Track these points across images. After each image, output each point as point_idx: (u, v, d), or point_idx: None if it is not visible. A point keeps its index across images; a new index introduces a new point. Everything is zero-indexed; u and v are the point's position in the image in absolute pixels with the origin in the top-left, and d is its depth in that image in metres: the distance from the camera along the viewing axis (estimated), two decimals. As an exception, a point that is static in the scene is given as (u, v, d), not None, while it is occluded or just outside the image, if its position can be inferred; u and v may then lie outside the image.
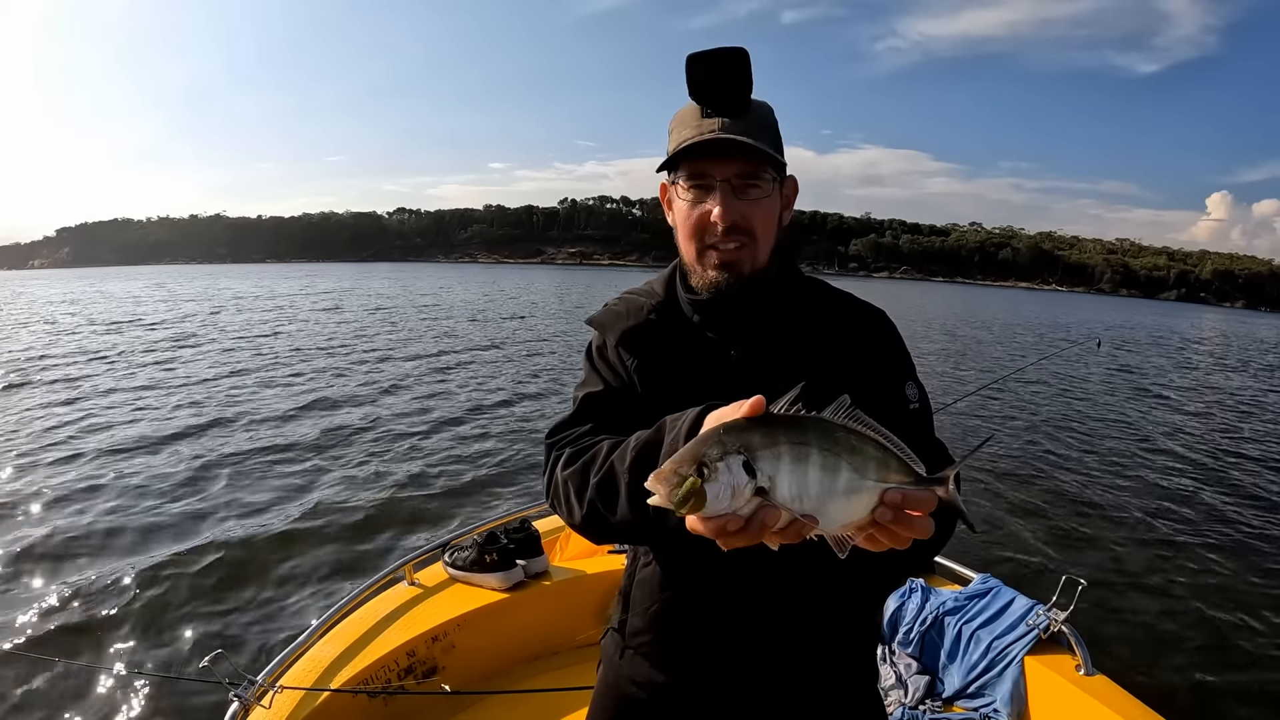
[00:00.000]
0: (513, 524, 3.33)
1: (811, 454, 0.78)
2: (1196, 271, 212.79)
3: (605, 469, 1.14)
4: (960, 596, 3.09)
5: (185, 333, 22.55)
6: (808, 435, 0.79)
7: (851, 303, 1.36)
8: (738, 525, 0.78)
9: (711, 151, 1.17)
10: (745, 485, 0.77)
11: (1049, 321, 45.62)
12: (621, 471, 1.10)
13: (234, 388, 13.13)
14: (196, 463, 8.35)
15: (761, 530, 0.78)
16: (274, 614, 4.93)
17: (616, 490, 1.11)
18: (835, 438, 0.79)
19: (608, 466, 1.14)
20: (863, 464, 0.79)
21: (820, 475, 0.78)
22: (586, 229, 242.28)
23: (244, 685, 2.35)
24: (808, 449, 0.78)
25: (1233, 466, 9.82)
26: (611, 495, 1.12)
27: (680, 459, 0.79)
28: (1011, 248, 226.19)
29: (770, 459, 0.78)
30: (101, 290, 50.43)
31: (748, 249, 1.22)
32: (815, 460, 0.78)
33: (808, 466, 0.78)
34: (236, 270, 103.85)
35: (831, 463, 0.79)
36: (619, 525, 1.13)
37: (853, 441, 0.79)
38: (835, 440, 0.79)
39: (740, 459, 0.77)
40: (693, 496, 0.76)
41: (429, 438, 9.71)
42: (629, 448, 1.11)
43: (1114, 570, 6.03)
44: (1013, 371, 15.47)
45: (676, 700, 1.35)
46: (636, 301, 1.38)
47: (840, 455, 0.79)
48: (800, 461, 0.78)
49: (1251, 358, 29.60)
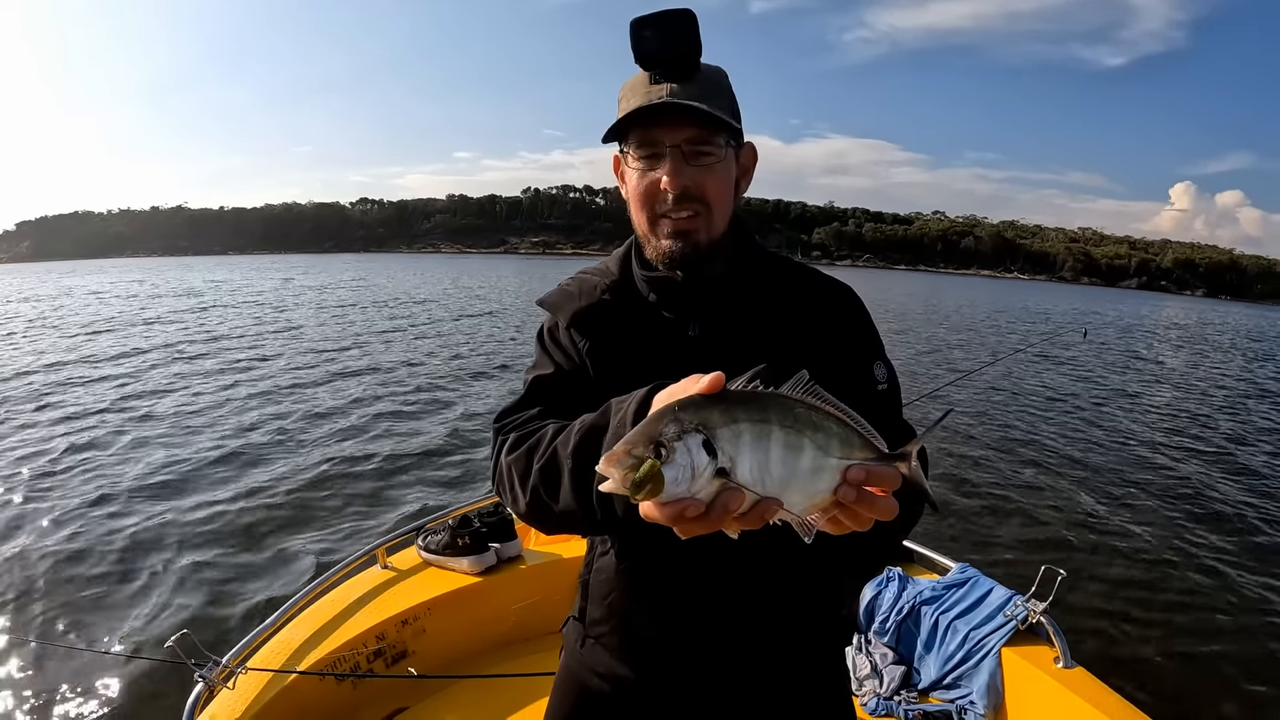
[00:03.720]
0: (486, 508, 3.32)
1: (773, 431, 0.73)
2: (1158, 260, 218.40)
3: (548, 455, 1.08)
4: (938, 586, 3.06)
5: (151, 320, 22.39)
6: (768, 412, 0.73)
7: (816, 278, 1.30)
8: (698, 510, 0.71)
9: (660, 117, 1.12)
10: (706, 466, 0.71)
11: (1018, 309, 46.45)
12: (564, 457, 1.04)
13: (201, 374, 13.09)
14: (165, 444, 8.36)
15: (723, 515, 0.72)
16: (244, 597, 4.89)
17: (560, 478, 1.05)
18: (796, 414, 0.74)
19: (551, 452, 1.08)
20: (826, 441, 0.74)
21: (783, 454, 0.73)
22: (550, 218, 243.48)
23: (209, 666, 2.32)
24: (769, 426, 0.73)
25: (1214, 458, 9.85)
26: (554, 483, 1.06)
27: (633, 439, 0.72)
28: (974, 236, 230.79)
29: (731, 437, 0.72)
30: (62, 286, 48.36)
31: (701, 217, 1.16)
32: (778, 438, 0.73)
33: (770, 445, 0.72)
34: (199, 263, 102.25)
35: (794, 440, 0.73)
36: (564, 515, 1.07)
37: (814, 418, 0.74)
38: (796, 417, 0.74)
39: (699, 438, 0.71)
40: (650, 480, 0.70)
41: (405, 422, 9.72)
42: (573, 431, 1.05)
43: (1094, 561, 6.02)
44: (993, 361, 15.50)
45: (638, 692, 1.31)
46: (590, 281, 1.32)
47: (803, 432, 0.73)
48: (762, 440, 0.72)
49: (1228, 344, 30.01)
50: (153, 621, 4.55)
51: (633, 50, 1.14)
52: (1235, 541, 6.69)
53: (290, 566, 5.32)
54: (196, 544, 5.63)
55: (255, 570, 5.26)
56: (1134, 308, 67.85)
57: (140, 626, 4.50)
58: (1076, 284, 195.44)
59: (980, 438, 9.89)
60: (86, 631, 4.46)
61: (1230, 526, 7.09)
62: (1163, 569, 5.97)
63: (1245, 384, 18.07)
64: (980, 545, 6.15)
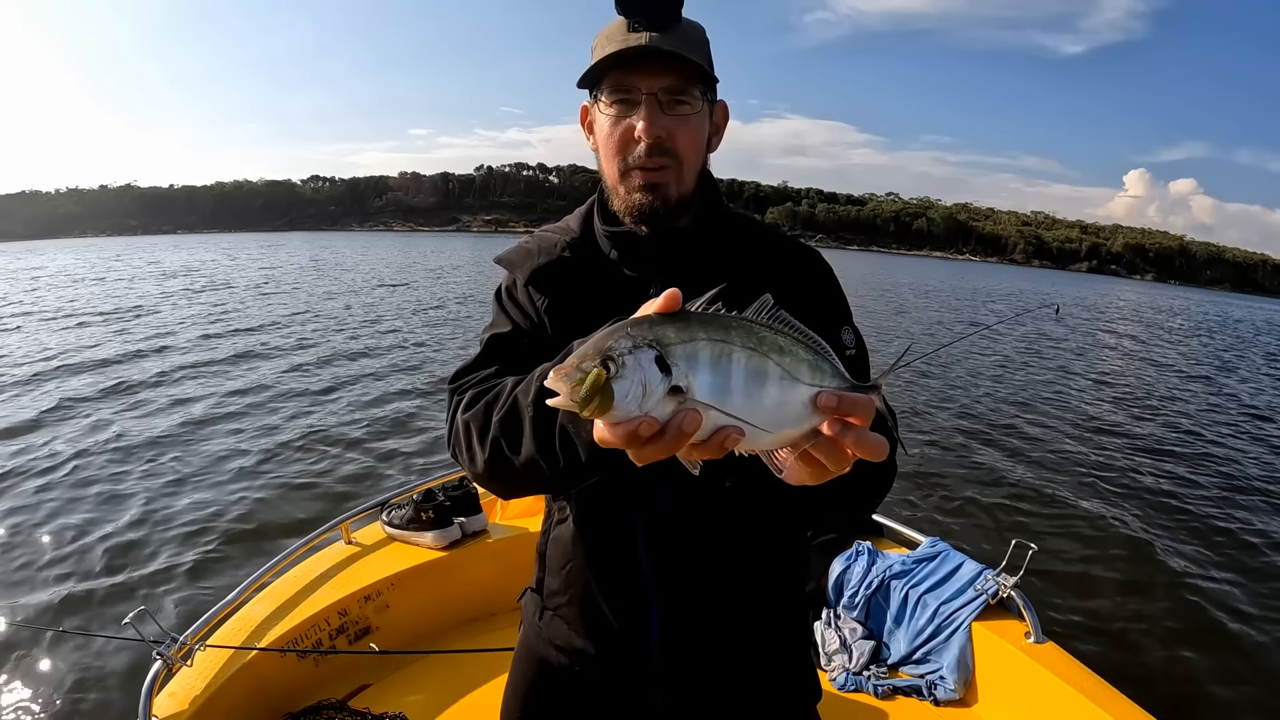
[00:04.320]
0: (451, 482, 3.30)
1: (734, 352, 0.68)
2: (1108, 245, 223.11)
3: (508, 405, 1.04)
4: (908, 560, 3.05)
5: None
6: (729, 333, 0.68)
7: (783, 240, 1.28)
8: (651, 429, 0.65)
9: (637, 64, 1.09)
10: (658, 383, 0.66)
11: (975, 289, 47.29)
12: (525, 405, 1.00)
13: (158, 351, 12.88)
14: (120, 420, 8.24)
15: (679, 438, 0.66)
16: (205, 573, 4.82)
17: (521, 427, 1.01)
18: (760, 336, 0.69)
19: (511, 402, 1.03)
20: (794, 365, 0.69)
21: (746, 375, 0.68)
22: (503, 196, 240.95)
23: (167, 644, 2.28)
24: (729, 346, 0.68)
25: (1182, 437, 9.99)
26: (516, 433, 1.02)
27: (583, 353, 0.67)
28: (927, 218, 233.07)
29: (686, 355, 0.67)
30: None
31: (671, 170, 1.13)
32: (739, 359, 0.68)
33: (730, 365, 0.67)
34: (144, 243, 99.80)
35: (758, 363, 0.68)
36: (525, 467, 1.02)
37: (780, 341, 0.69)
38: (761, 339, 0.69)
39: (652, 353, 0.66)
40: (598, 394, 0.64)
41: (369, 397, 9.66)
42: (533, 379, 1.01)
43: (1066, 536, 6.08)
44: (965, 336, 15.64)
45: (597, 665, 1.27)
46: (550, 238, 1.28)
47: (767, 355, 0.68)
48: (722, 360, 0.67)
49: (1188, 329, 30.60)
50: (109, 599, 4.46)
51: None
52: (1205, 518, 6.79)
53: (252, 543, 5.26)
54: (155, 521, 5.54)
55: (216, 547, 5.18)
56: (1076, 289, 69.15)
57: (96, 604, 4.42)
58: (1028, 266, 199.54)
59: (951, 413, 10.00)
60: (39, 609, 4.36)
61: (1200, 503, 7.20)
62: (1133, 544, 6.03)
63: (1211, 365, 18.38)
64: (951, 519, 6.20)
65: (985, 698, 2.61)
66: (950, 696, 2.65)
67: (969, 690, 2.65)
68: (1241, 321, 43.84)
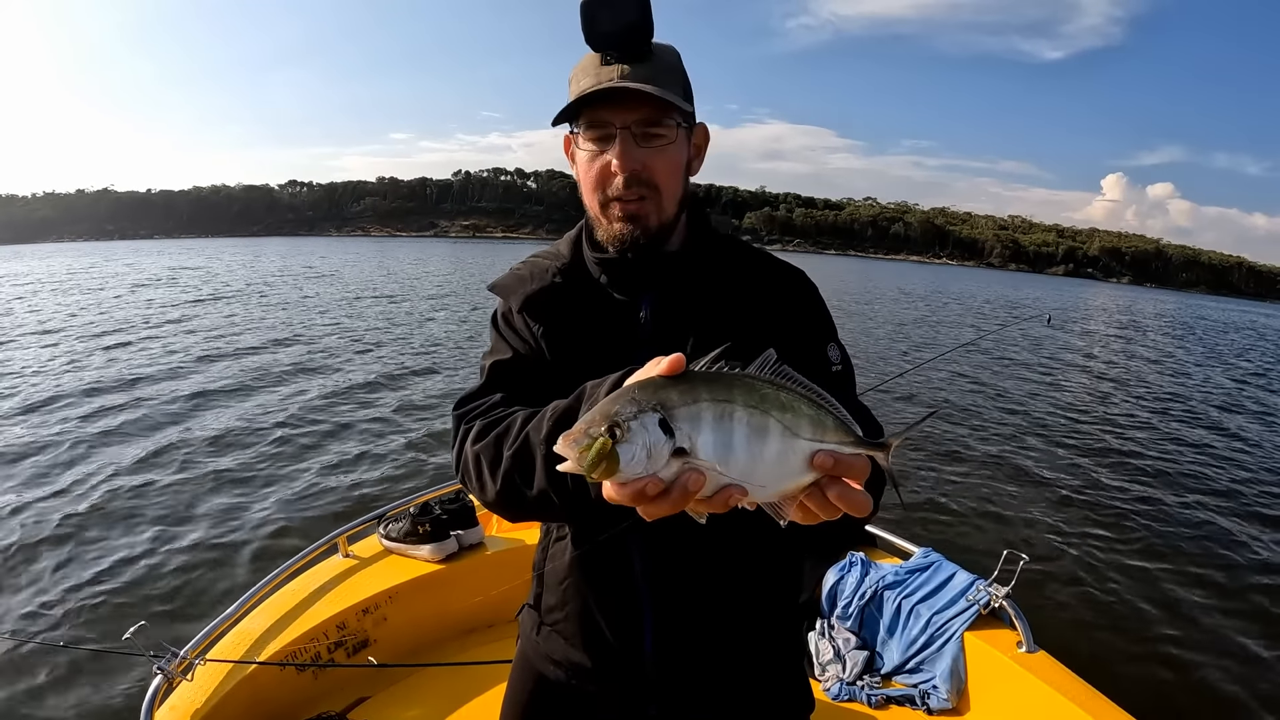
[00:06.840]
0: (447, 495, 3.31)
1: (736, 411, 0.71)
2: (1084, 248, 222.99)
3: (520, 441, 1.07)
4: (901, 570, 3.07)
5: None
6: (731, 392, 0.71)
7: (768, 261, 1.30)
8: (657, 489, 0.70)
9: (610, 99, 1.11)
10: (662, 445, 0.69)
11: (946, 292, 47.56)
12: (537, 442, 1.03)
13: (151, 358, 12.84)
14: (123, 433, 8.19)
15: (684, 496, 0.70)
16: (203, 587, 4.82)
17: (532, 463, 1.04)
18: (762, 394, 0.72)
19: (523, 438, 1.06)
20: (795, 421, 0.72)
21: (748, 434, 0.71)
22: (480, 201, 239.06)
23: (167, 658, 2.29)
24: (731, 405, 0.71)
25: (1175, 445, 10.02)
26: (528, 468, 1.05)
27: (591, 419, 0.71)
28: (904, 222, 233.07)
29: (689, 416, 0.70)
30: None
31: (650, 201, 1.16)
32: (741, 418, 0.71)
33: (733, 424, 0.71)
34: (123, 248, 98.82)
35: (759, 420, 0.71)
36: (537, 500, 1.05)
37: (782, 398, 0.72)
38: (763, 397, 0.72)
39: (656, 416, 0.69)
40: (604, 459, 0.68)
41: (365, 411, 9.60)
42: (545, 417, 1.04)
43: (1057, 546, 6.10)
44: (957, 347, 15.61)
45: (594, 679, 1.30)
46: (541, 264, 1.31)
47: (768, 412, 0.71)
48: (724, 419, 0.71)
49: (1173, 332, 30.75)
50: (110, 613, 4.45)
51: (584, 32, 1.12)
52: (1197, 526, 6.83)
53: (250, 557, 5.25)
54: (154, 534, 5.52)
55: (215, 560, 5.17)
56: (1056, 293, 69.46)
57: (96, 619, 4.41)
58: (1004, 269, 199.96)
59: (943, 423, 9.98)
60: (40, 624, 4.35)
61: (1192, 511, 7.24)
62: (1125, 554, 6.06)
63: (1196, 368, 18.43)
64: (943, 530, 6.21)
65: (977, 707, 2.63)
66: (943, 706, 2.67)
67: (962, 699, 2.67)
68: (1215, 322, 44.50)
